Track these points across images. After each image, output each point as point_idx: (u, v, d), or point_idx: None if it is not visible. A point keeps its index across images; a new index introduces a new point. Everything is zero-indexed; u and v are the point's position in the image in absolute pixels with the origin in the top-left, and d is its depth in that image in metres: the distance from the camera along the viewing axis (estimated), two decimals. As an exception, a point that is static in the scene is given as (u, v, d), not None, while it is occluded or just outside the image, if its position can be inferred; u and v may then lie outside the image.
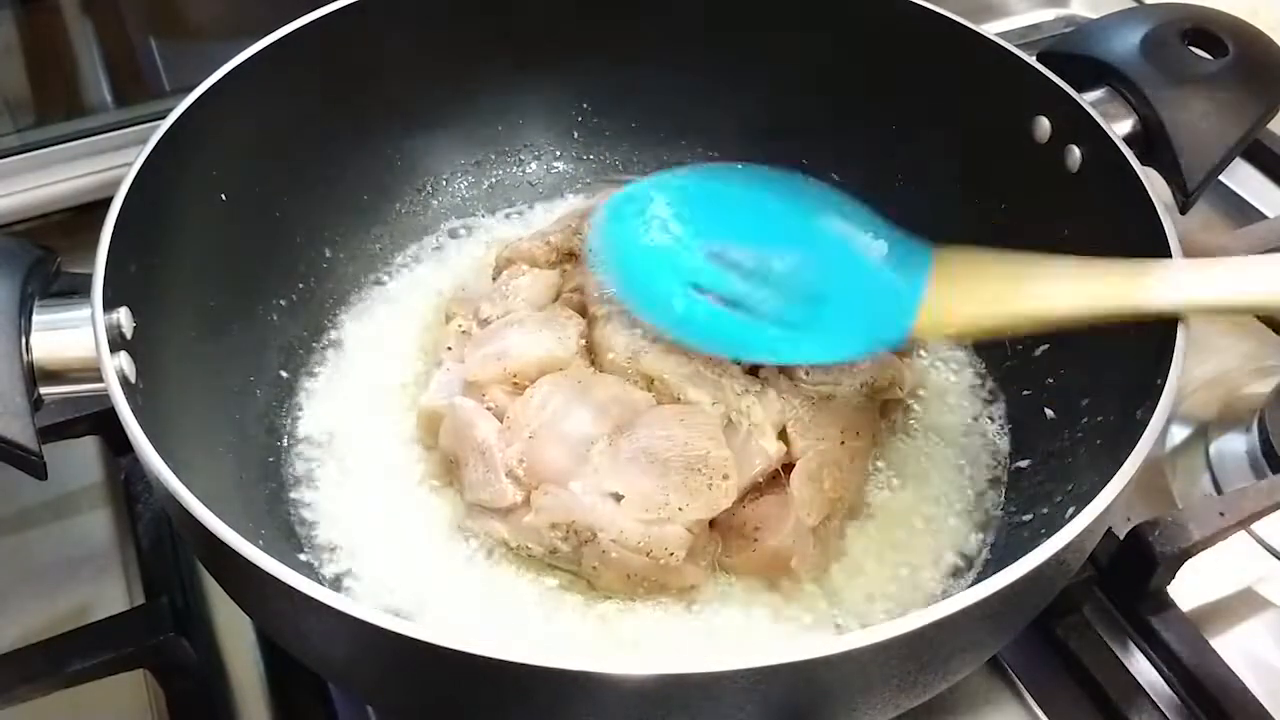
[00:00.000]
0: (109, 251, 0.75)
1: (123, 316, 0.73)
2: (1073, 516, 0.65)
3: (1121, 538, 0.88)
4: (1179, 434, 1.03)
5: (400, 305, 1.03)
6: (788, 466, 0.84)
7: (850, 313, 0.85)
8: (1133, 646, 0.88)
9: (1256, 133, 0.91)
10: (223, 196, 0.91)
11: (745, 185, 0.94)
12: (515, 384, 0.87)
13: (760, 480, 0.83)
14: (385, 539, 0.86)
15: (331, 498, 0.89)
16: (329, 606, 0.59)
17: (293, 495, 0.89)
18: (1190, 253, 0.78)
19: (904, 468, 0.91)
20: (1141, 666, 0.87)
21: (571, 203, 1.11)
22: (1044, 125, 0.92)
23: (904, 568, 0.85)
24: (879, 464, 0.90)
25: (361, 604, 0.60)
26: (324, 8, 0.96)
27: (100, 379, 0.70)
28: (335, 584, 0.83)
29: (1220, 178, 0.92)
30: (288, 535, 0.86)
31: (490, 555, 0.84)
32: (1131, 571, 0.87)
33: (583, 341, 0.89)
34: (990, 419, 0.95)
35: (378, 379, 0.97)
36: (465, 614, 0.81)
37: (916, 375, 0.96)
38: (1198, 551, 0.87)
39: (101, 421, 0.95)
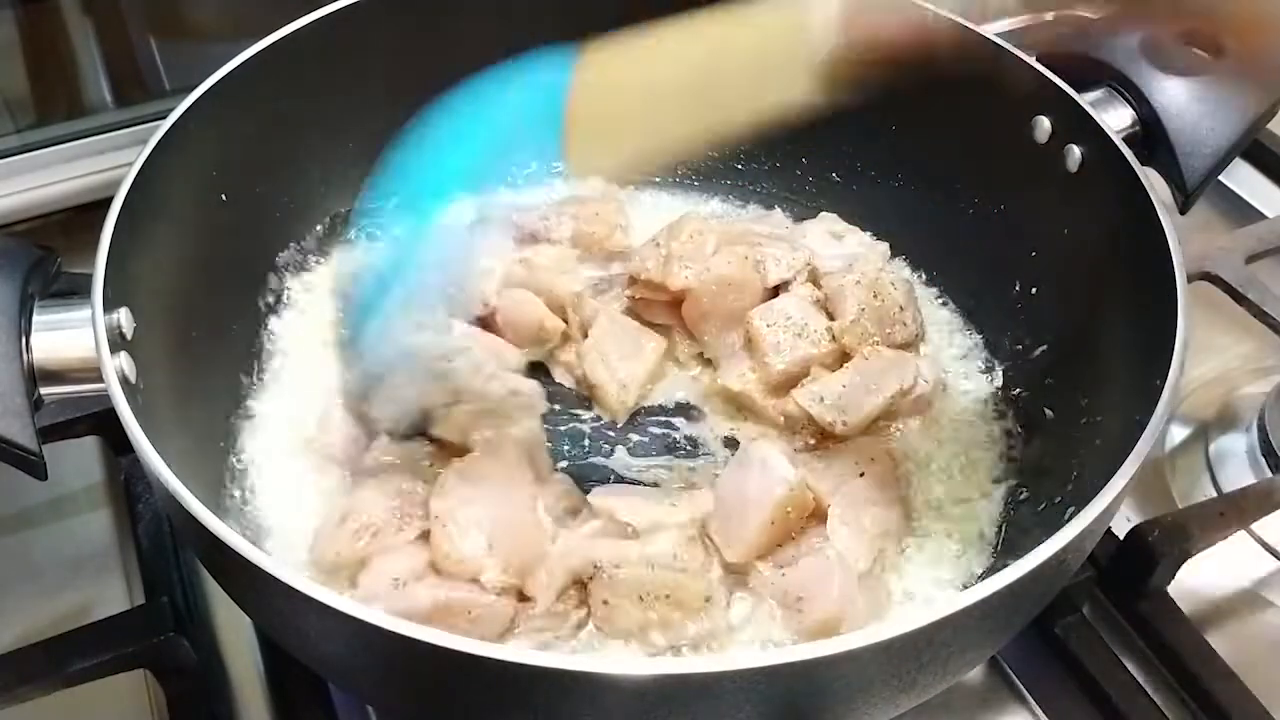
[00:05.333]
0: (109, 251, 0.75)
1: (123, 316, 0.73)
2: (1073, 516, 0.65)
3: (1121, 538, 0.88)
4: (1179, 434, 1.03)
5: (400, 305, 1.03)
6: (820, 515, 0.83)
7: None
8: (1133, 646, 0.88)
9: (1256, 133, 0.91)
10: (223, 196, 0.91)
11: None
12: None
13: (794, 538, 0.83)
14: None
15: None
16: (329, 606, 0.59)
17: (293, 495, 0.89)
18: (1190, 252, 0.78)
19: (905, 469, 0.91)
20: (1141, 666, 0.87)
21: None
22: (1044, 125, 0.92)
23: (906, 569, 0.85)
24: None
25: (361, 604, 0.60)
26: (324, 8, 0.96)
27: (100, 379, 0.70)
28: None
29: (1220, 178, 0.92)
30: (288, 535, 0.86)
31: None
32: (1131, 571, 0.87)
33: None
34: (990, 420, 0.95)
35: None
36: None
37: (934, 378, 0.95)
38: (1197, 551, 0.87)
39: (101, 421, 0.95)
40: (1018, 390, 0.95)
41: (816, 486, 0.84)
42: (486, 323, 0.95)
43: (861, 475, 0.85)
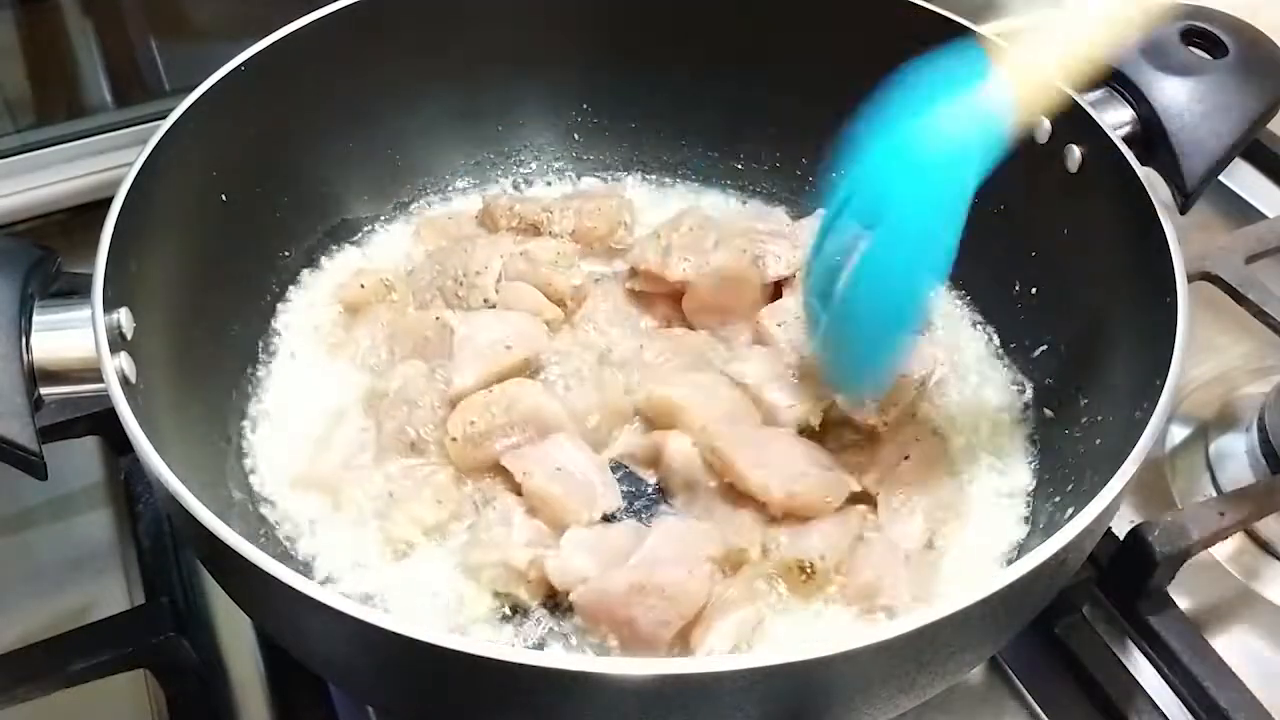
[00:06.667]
0: (109, 251, 0.75)
1: (123, 316, 0.73)
2: (1072, 516, 0.65)
3: (1121, 538, 0.88)
4: (1179, 434, 1.03)
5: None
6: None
7: None
8: (1133, 646, 0.88)
9: (1256, 133, 0.91)
10: (223, 196, 0.91)
11: None
12: None
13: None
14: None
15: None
16: (329, 606, 0.59)
17: (293, 495, 0.89)
18: (1190, 252, 0.78)
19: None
20: (1141, 666, 0.87)
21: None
22: (1044, 125, 0.91)
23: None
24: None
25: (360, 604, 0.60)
26: (324, 8, 0.96)
27: (100, 379, 0.70)
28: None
29: (1220, 178, 0.92)
30: (288, 535, 0.86)
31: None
32: (1131, 571, 0.87)
33: None
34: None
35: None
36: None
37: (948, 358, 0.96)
38: (1197, 551, 0.87)
39: (101, 421, 0.95)
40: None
41: (862, 480, 0.86)
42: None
43: (906, 459, 0.86)
